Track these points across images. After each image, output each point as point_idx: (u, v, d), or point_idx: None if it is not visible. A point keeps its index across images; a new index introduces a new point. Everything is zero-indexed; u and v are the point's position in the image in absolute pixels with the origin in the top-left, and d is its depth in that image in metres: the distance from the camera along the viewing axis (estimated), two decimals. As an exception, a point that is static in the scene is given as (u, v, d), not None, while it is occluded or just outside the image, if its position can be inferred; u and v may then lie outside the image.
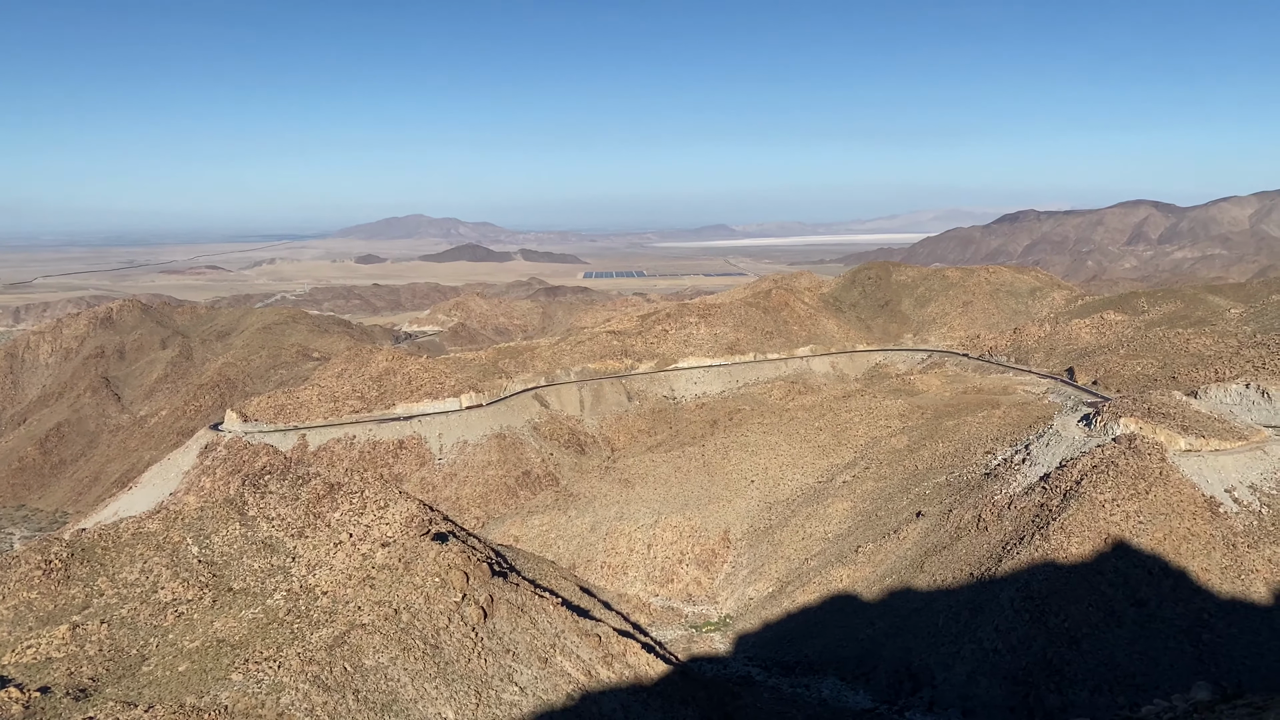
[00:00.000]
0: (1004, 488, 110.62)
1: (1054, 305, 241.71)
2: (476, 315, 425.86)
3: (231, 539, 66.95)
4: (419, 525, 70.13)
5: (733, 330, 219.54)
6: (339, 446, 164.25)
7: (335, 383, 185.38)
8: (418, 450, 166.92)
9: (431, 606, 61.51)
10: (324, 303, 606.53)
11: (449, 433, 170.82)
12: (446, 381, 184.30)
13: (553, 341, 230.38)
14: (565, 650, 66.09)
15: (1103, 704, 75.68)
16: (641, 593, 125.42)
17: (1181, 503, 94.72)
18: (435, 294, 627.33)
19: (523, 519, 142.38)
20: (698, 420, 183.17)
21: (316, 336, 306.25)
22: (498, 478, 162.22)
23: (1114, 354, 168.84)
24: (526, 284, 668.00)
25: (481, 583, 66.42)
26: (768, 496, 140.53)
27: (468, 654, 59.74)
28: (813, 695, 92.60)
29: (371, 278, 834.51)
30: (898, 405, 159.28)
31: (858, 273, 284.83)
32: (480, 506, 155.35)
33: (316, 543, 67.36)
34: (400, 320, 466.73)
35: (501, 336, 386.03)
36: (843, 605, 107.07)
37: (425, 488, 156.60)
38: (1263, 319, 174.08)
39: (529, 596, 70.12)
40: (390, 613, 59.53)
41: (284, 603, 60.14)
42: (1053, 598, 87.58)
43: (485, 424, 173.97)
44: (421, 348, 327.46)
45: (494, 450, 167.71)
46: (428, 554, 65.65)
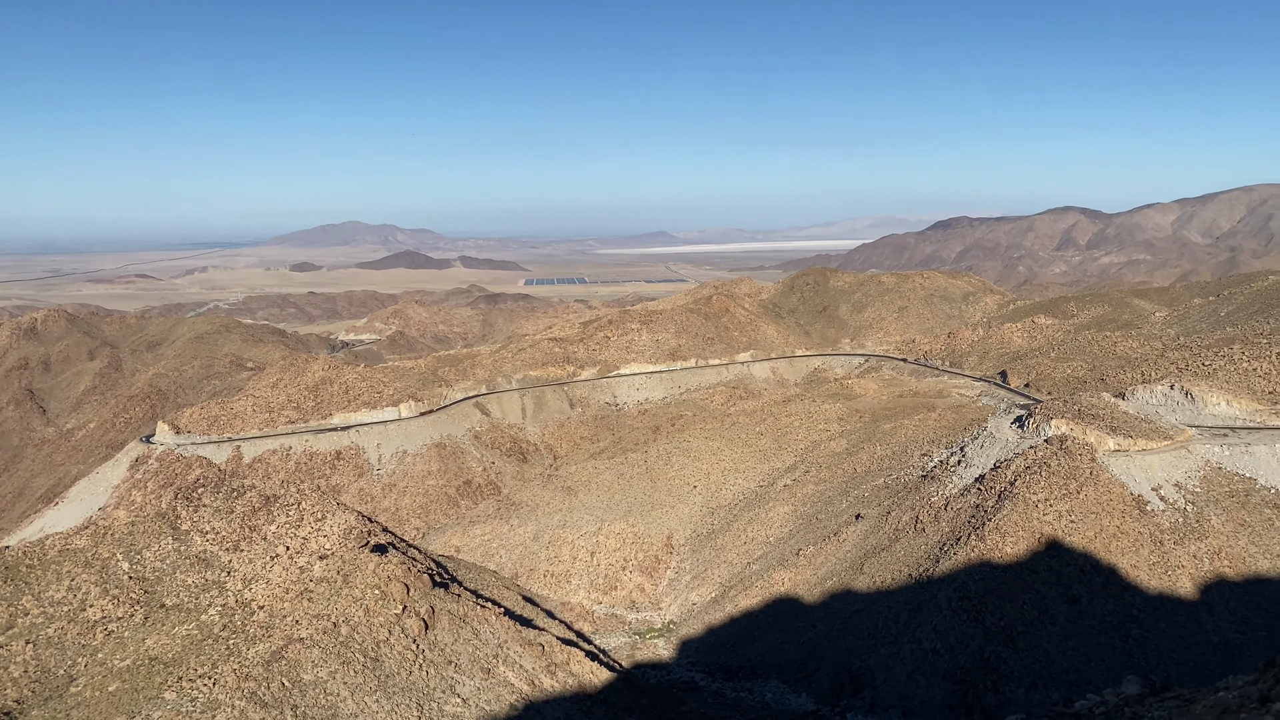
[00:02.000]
0: (940, 489, 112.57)
1: (987, 310, 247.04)
2: (415, 323, 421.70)
3: (164, 554, 65.29)
4: (358, 537, 69.16)
5: (674, 336, 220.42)
6: (275, 458, 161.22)
7: (270, 393, 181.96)
8: (356, 461, 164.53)
9: (371, 619, 60.65)
10: (258, 311, 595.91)
11: (388, 442, 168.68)
12: (385, 390, 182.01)
13: (494, 349, 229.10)
14: (508, 660, 65.64)
15: (1038, 701, 77.34)
16: (585, 600, 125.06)
17: (1111, 502, 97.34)
18: (373, 302, 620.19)
19: (464, 529, 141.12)
20: (640, 426, 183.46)
21: (251, 346, 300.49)
22: (438, 487, 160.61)
23: (1045, 357, 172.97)
24: (466, 291, 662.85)
25: (422, 594, 65.69)
26: (710, 501, 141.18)
27: (409, 666, 59.03)
28: (756, 699, 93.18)
29: (307, 285, 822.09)
30: (836, 409, 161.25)
31: (796, 279, 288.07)
32: (420, 517, 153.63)
33: (252, 556, 66.02)
34: (337, 329, 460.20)
35: (441, 344, 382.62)
36: (784, 608, 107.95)
37: (364, 499, 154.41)
38: (1185, 322, 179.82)
39: (471, 607, 69.51)
40: (329, 626, 58.57)
41: (219, 618, 58.84)
42: (989, 597, 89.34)
43: (425, 433, 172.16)
44: (359, 356, 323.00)
45: (434, 460, 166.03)
46: (367, 566, 64.75)
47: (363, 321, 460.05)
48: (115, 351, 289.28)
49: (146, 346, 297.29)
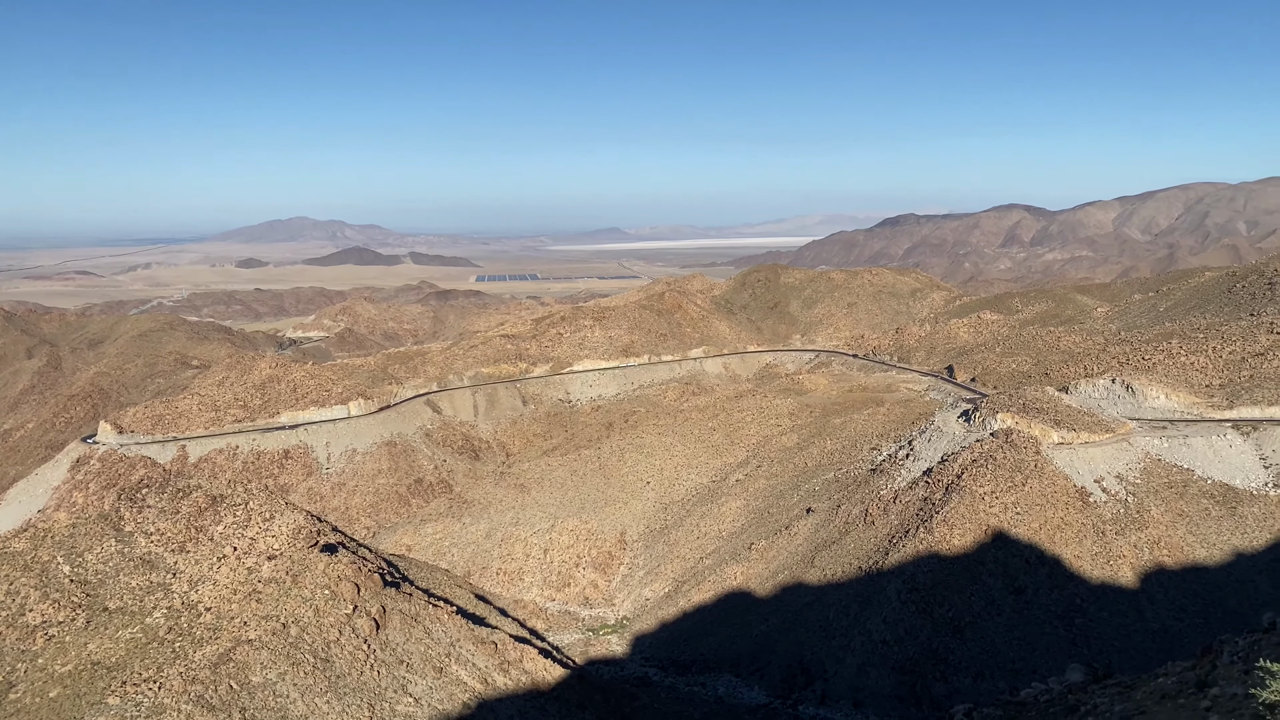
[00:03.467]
0: (889, 483, 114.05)
1: (934, 306, 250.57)
2: (364, 320, 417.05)
3: (106, 556, 63.90)
4: (307, 537, 68.29)
5: (627, 333, 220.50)
6: (221, 457, 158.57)
7: (216, 391, 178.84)
8: (304, 460, 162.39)
9: (321, 619, 59.96)
10: (203, 309, 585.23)
11: (337, 441, 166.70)
12: (334, 388, 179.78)
13: (445, 346, 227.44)
14: (460, 659, 65.30)
15: (985, 690, 78.69)
16: (538, 598, 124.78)
17: (1055, 493, 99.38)
18: (321, 298, 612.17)
19: (415, 527, 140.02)
20: (593, 423, 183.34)
21: (196, 344, 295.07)
22: (389, 486, 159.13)
23: (991, 352, 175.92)
24: (416, 288, 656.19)
25: (373, 594, 65.09)
26: (663, 497, 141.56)
27: (360, 666, 58.47)
28: (708, 693, 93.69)
29: (253, 282, 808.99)
30: (787, 404, 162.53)
31: (748, 275, 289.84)
32: (371, 516, 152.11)
33: (199, 557, 64.88)
34: (284, 326, 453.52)
35: (391, 342, 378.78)
36: (737, 602, 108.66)
37: (313, 498, 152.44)
38: (1126, 317, 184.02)
39: (422, 606, 69.01)
40: (278, 627, 57.80)
41: (164, 621, 57.76)
42: (937, 588, 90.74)
43: (375, 431, 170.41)
44: (307, 354, 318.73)
45: (384, 458, 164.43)
46: (316, 566, 63.99)
47: (311, 319, 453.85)
48: (54, 350, 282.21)
49: (87, 345, 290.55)
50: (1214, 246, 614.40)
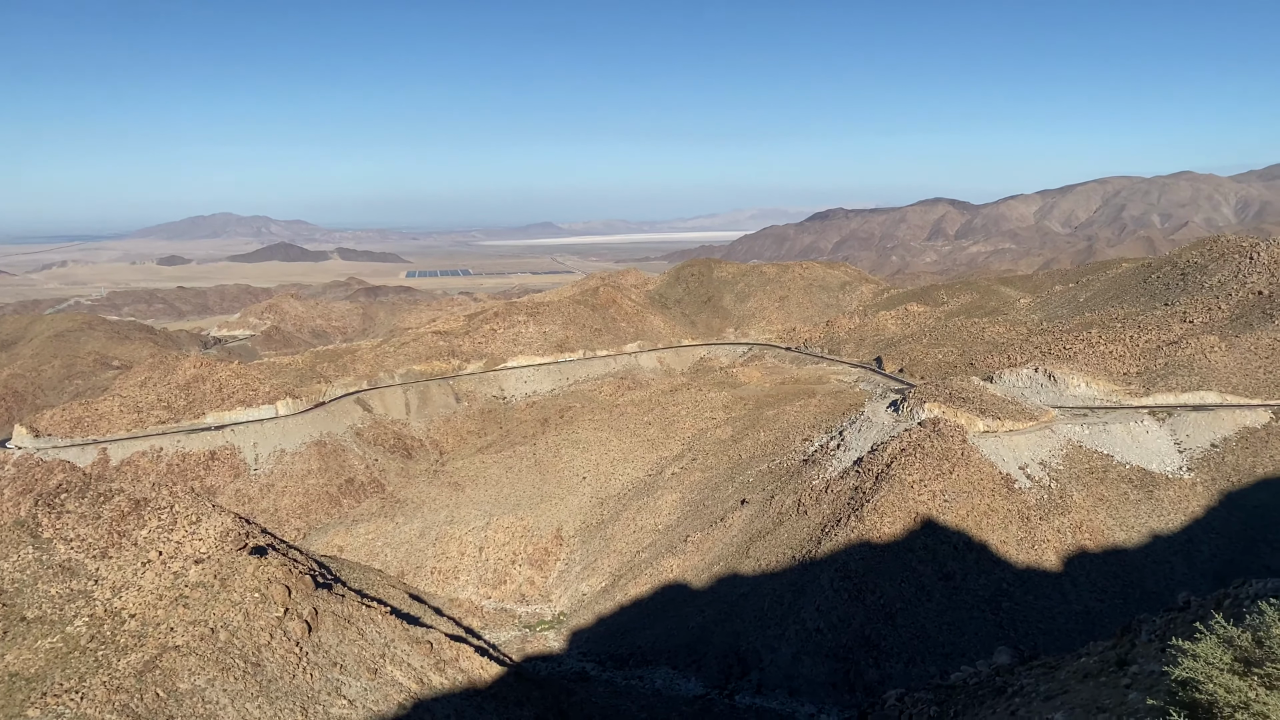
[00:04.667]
0: (821, 473, 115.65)
1: (862, 298, 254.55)
2: (291, 318, 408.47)
3: (24, 564, 61.72)
4: (235, 539, 66.81)
5: (562, 328, 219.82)
6: (145, 460, 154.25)
7: (138, 392, 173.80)
8: (231, 461, 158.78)
9: (251, 623, 58.75)
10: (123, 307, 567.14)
11: (265, 441, 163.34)
12: (261, 388, 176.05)
13: (375, 343, 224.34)
14: (395, 659, 64.55)
15: (916, 674, 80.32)
16: (474, 596, 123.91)
17: (981, 480, 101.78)
18: (246, 296, 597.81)
19: (347, 528, 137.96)
20: (528, 419, 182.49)
21: (116, 344, 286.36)
22: (319, 486, 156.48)
23: (918, 343, 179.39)
24: (345, 284, 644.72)
25: (305, 596, 63.97)
26: (599, 492, 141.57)
27: (292, 670, 57.45)
28: (646, 686, 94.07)
29: (176, 280, 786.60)
30: (722, 397, 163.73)
31: (681, 270, 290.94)
32: (301, 517, 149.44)
33: (122, 563, 63.03)
34: (209, 325, 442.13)
35: (319, 339, 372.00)
36: (674, 595, 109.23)
37: (241, 500, 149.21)
38: (1048, 308, 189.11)
39: (356, 607, 68.04)
40: (206, 632, 56.49)
41: (86, 629, 56.03)
42: (869, 576, 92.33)
43: (304, 431, 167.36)
44: (232, 353, 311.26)
45: (314, 458, 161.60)
46: (246, 569, 62.65)
47: (236, 317, 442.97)
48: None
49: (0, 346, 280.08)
50: (1130, 238, 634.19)
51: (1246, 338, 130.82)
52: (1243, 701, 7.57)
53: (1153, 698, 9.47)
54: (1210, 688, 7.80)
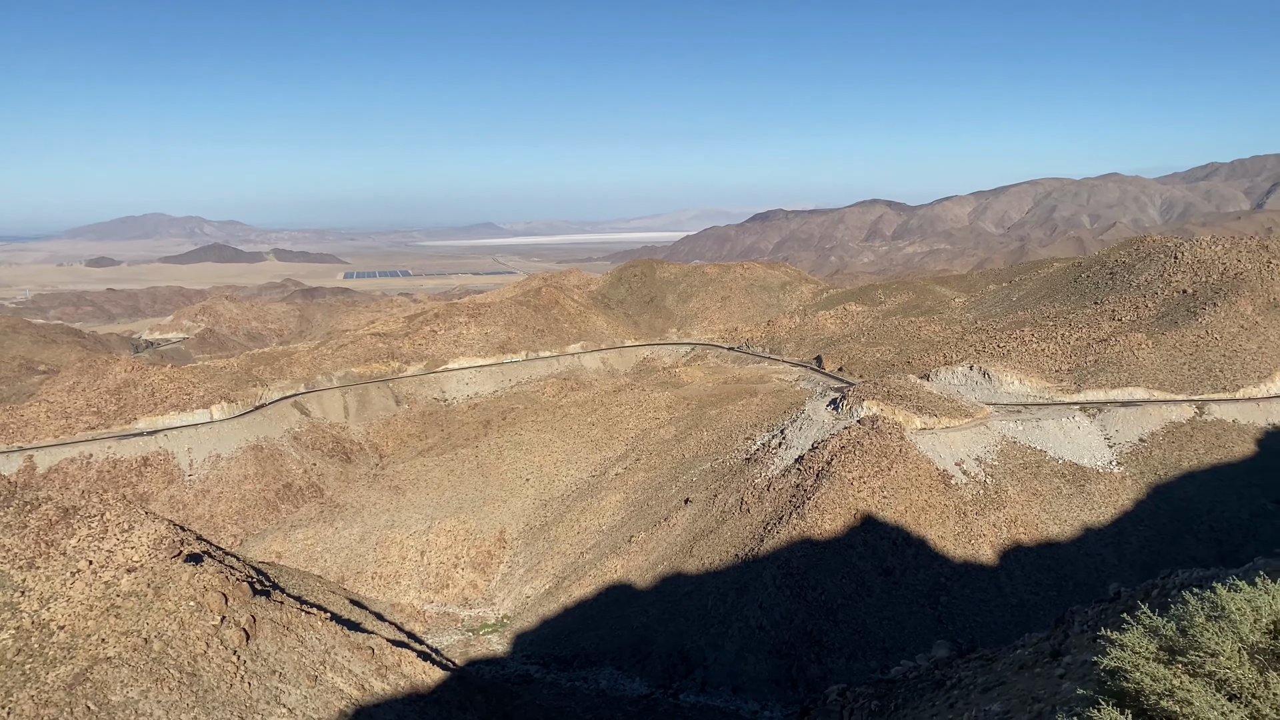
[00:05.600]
0: (763, 471, 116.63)
1: (802, 298, 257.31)
2: (226, 320, 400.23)
3: (-56, 577, 59.63)
4: (169, 547, 65.29)
5: (504, 329, 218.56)
6: (73, 467, 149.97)
7: (66, 397, 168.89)
8: (165, 467, 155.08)
9: (186, 632, 57.48)
10: (50, 310, 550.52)
11: (199, 446, 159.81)
12: (195, 392, 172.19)
13: (312, 345, 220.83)
14: (336, 666, 63.66)
15: (858, 669, 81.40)
16: (416, 600, 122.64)
17: (919, 477, 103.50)
18: (179, 298, 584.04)
19: (285, 533, 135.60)
20: (470, 421, 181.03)
21: (42, 347, 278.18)
22: (256, 491, 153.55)
23: (856, 342, 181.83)
24: (281, 285, 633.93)
25: (242, 603, 62.76)
26: (543, 494, 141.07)
27: (229, 679, 56.32)
28: (590, 687, 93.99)
29: (105, 282, 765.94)
30: (665, 397, 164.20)
31: (624, 270, 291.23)
32: (238, 523, 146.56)
33: (50, 573, 61.18)
34: (140, 327, 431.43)
35: (255, 342, 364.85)
36: (618, 595, 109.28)
37: (175, 506, 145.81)
38: (982, 307, 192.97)
39: (295, 614, 66.93)
40: (139, 643, 55.13)
41: (13, 642, 54.29)
42: (810, 573, 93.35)
43: (240, 435, 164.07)
44: (165, 356, 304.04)
45: (250, 463, 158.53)
46: (180, 577, 61.27)
47: (168, 319, 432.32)
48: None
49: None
50: (1061, 239, 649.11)
51: (1171, 335, 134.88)
52: (1168, 689, 7.87)
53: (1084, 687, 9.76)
54: (1137, 676, 8.09)
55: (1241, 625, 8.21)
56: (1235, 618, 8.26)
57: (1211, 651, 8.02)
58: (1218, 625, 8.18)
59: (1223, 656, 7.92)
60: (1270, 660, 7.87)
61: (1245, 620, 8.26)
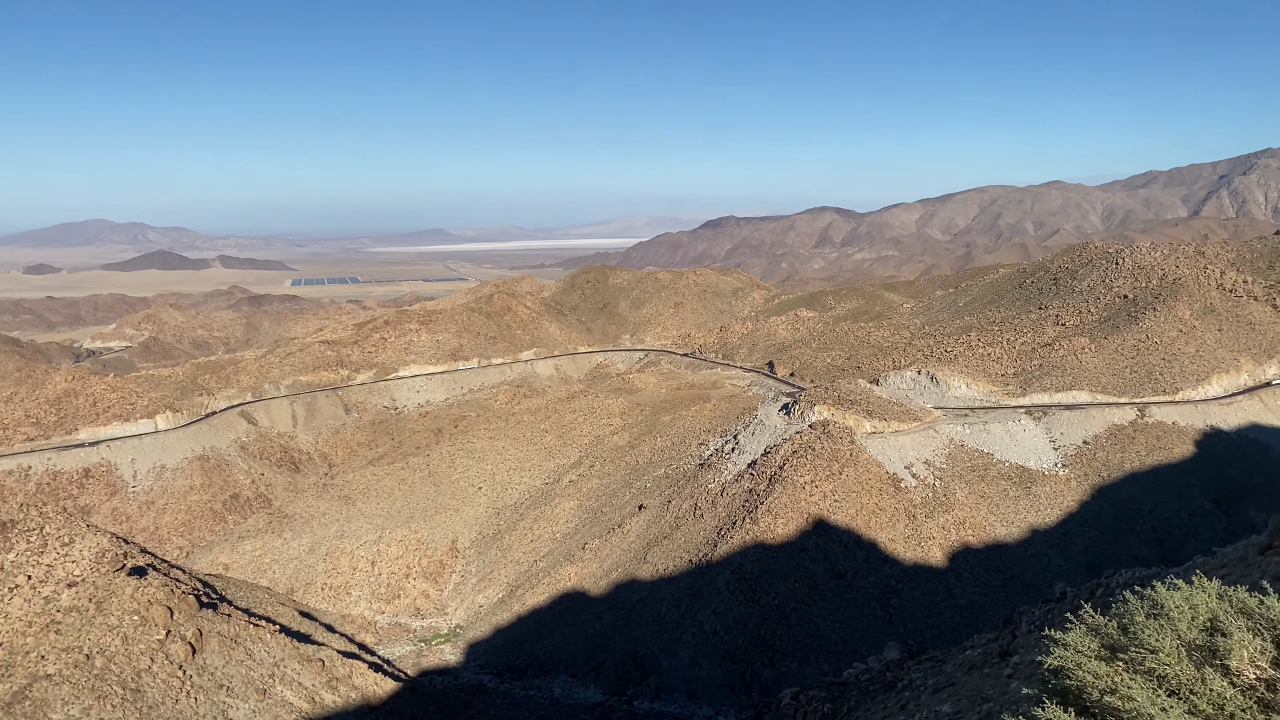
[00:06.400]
0: (717, 476, 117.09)
1: (755, 304, 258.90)
2: (171, 328, 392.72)
3: (-126, 595, 57.72)
4: (112, 560, 63.86)
5: (455, 336, 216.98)
6: (11, 480, 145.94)
7: (4, 408, 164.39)
8: (107, 478, 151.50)
9: (130, 647, 56.22)
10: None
11: (143, 457, 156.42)
12: (138, 401, 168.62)
13: (259, 354, 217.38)
14: (285, 679, 62.66)
15: (810, 673, 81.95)
16: (367, 611, 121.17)
17: (870, 480, 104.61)
18: (122, 306, 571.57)
19: (233, 545, 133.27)
20: (421, 430, 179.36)
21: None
22: (202, 503, 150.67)
23: (807, 347, 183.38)
24: (227, 293, 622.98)
25: (188, 616, 61.54)
26: (496, 502, 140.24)
27: (175, 694, 55.18)
28: (544, 696, 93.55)
29: (45, 289, 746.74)
30: (619, 403, 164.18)
31: (577, 276, 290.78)
32: (184, 535, 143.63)
33: (-15, 590, 59.52)
34: (81, 336, 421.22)
35: (201, 350, 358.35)
36: (571, 603, 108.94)
37: (118, 519, 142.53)
38: (929, 312, 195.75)
39: (243, 626, 65.79)
40: (81, 659, 53.80)
41: (-54, 662, 52.71)
42: (764, 577, 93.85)
43: (185, 446, 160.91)
44: (107, 365, 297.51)
45: (196, 474, 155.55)
46: (124, 591, 59.93)
47: (111, 328, 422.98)
48: None
49: None
50: (1006, 245, 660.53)
51: (1114, 339, 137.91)
52: (1109, 686, 8.08)
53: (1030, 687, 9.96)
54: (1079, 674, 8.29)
55: (1180, 623, 8.46)
56: (1174, 615, 8.51)
57: (1151, 649, 8.26)
58: (1157, 623, 8.43)
59: (1162, 654, 8.16)
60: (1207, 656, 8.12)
61: (1183, 618, 8.52)
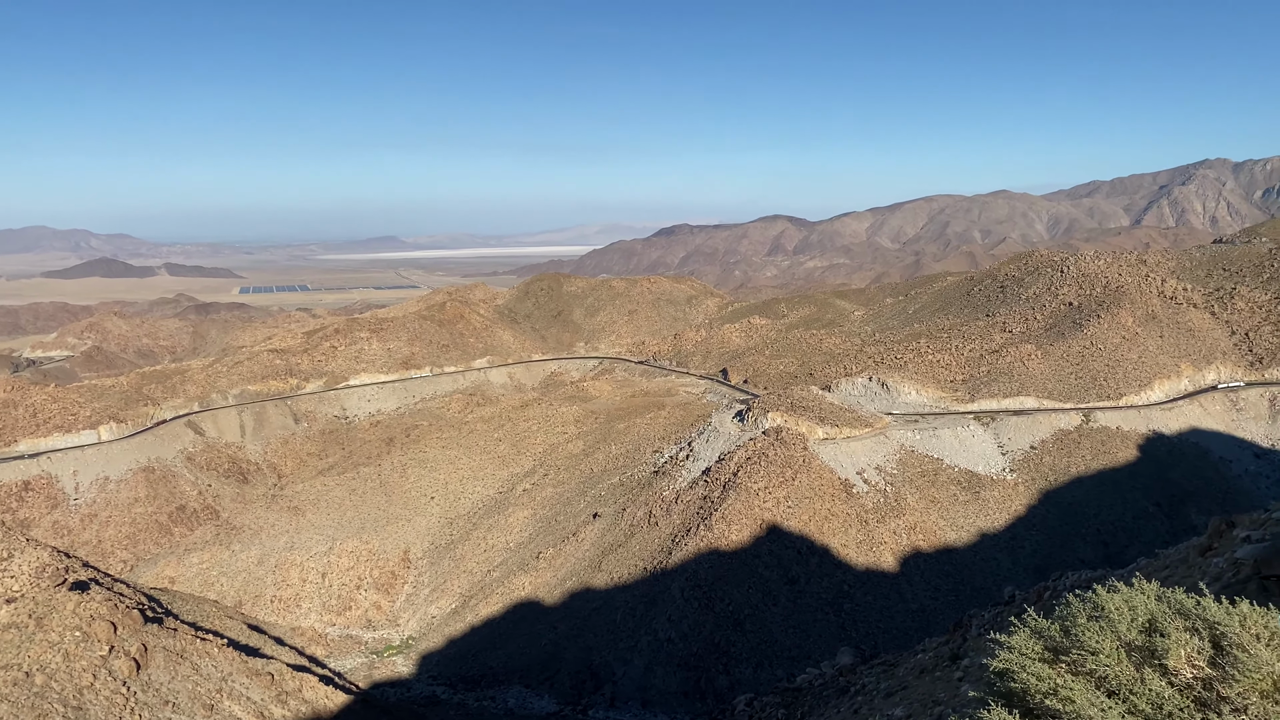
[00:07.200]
0: (672, 483, 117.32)
1: (708, 312, 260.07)
2: (115, 337, 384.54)
3: None
4: (53, 575, 62.29)
5: (407, 344, 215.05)
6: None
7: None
8: (48, 491, 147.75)
9: (72, 664, 54.83)
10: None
11: (86, 469, 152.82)
12: (81, 412, 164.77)
13: (207, 363, 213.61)
14: (233, 694, 61.52)
15: (765, 678, 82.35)
16: (318, 624, 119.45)
17: (822, 486, 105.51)
18: (64, 314, 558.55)
19: (179, 558, 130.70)
20: (372, 439, 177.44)
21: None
22: (147, 515, 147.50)
23: (761, 354, 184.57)
24: (174, 301, 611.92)
25: (132, 632, 60.20)
26: (448, 512, 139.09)
27: (118, 712, 53.89)
28: (498, 706, 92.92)
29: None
30: (573, 411, 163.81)
31: (531, 284, 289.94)
32: (128, 548, 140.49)
33: (-81, 608, 57.74)
34: (21, 345, 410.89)
35: (146, 360, 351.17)
36: (525, 613, 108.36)
37: (59, 532, 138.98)
38: (880, 320, 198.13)
39: (189, 641, 64.50)
40: (20, 677, 52.34)
41: (-123, 683, 51.01)
42: (718, 584, 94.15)
43: (129, 457, 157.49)
44: (48, 375, 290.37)
45: (141, 485, 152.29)
46: (65, 606, 58.46)
47: (52, 336, 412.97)
48: None
49: None
50: (954, 253, 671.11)
51: (1059, 346, 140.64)
52: (1052, 688, 8.26)
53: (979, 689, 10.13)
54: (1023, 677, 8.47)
55: (1119, 624, 8.68)
56: (1113, 617, 8.73)
57: (1092, 650, 8.46)
58: (1097, 625, 8.64)
59: (1102, 655, 8.36)
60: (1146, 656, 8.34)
61: (1123, 619, 8.73)
